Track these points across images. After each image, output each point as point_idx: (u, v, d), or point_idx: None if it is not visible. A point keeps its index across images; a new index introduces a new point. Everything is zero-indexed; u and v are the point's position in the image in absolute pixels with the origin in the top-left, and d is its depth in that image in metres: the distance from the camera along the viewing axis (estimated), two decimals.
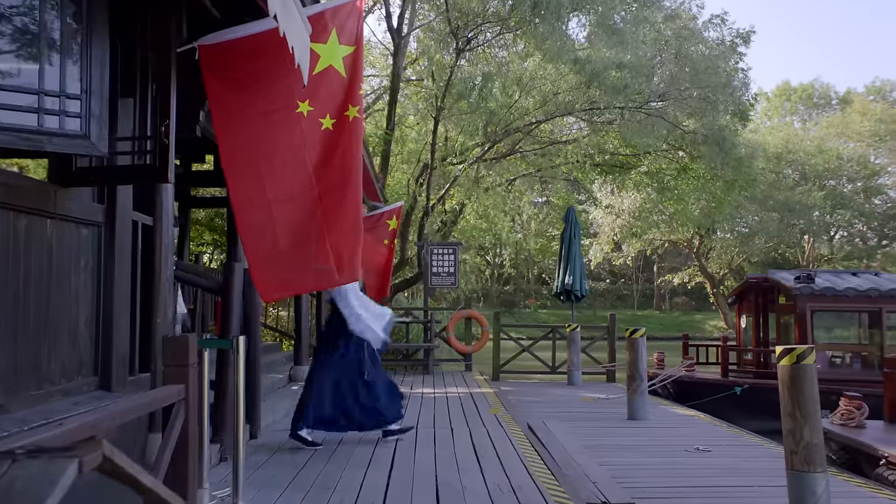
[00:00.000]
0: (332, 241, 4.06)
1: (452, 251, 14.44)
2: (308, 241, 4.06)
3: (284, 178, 4.16)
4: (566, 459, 6.07)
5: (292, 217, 4.09)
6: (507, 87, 14.59)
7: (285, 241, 4.07)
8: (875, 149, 40.22)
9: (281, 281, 4.13)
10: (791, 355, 5.01)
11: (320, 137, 4.17)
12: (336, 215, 4.08)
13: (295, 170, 4.14)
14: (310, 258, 4.06)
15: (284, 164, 4.17)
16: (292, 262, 4.08)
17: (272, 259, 4.07)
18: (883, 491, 5.56)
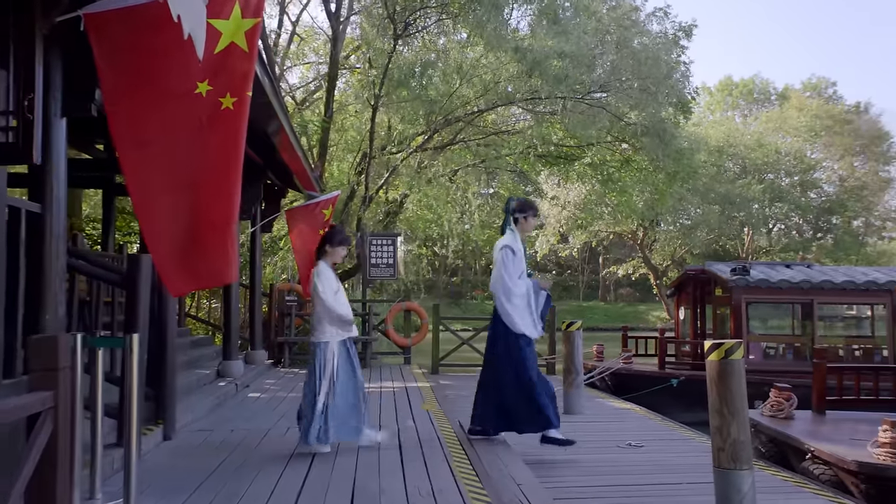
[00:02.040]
0: (231, 229, 3.74)
1: (391, 242, 14.14)
2: (211, 230, 3.74)
3: (184, 164, 3.82)
4: (493, 459, 5.87)
5: (195, 204, 3.76)
6: (448, 75, 14.34)
7: (188, 230, 3.73)
8: (811, 144, 41.25)
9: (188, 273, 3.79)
10: (719, 350, 4.89)
11: (220, 118, 3.84)
12: (233, 205, 3.76)
13: (194, 154, 3.80)
14: (214, 248, 3.73)
15: (183, 148, 3.83)
16: (197, 252, 3.74)
17: (177, 250, 3.74)
18: (808, 485, 5.51)
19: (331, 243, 6.19)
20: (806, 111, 41.55)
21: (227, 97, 3.87)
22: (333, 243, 6.19)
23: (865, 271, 12.84)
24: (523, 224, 6.67)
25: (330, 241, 6.21)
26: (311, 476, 5.21)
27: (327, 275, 6.04)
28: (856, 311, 14.75)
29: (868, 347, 12.44)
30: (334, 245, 6.18)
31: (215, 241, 3.73)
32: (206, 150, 3.77)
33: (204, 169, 3.74)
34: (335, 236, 6.23)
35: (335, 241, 6.20)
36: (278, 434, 6.78)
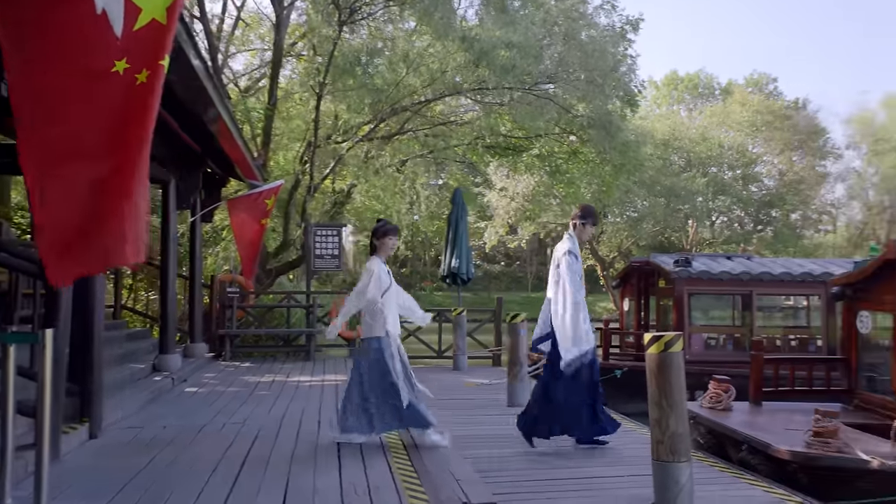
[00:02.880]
0: (130, 210, 3.51)
1: (337, 232, 13.93)
2: (115, 208, 3.50)
3: (93, 143, 3.58)
4: (434, 454, 5.78)
5: (99, 182, 3.52)
6: (395, 63, 14.14)
7: (88, 212, 3.49)
8: (752, 138, 42.18)
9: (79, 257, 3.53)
10: (659, 343, 4.88)
11: (135, 94, 3.62)
12: (135, 180, 3.53)
13: (106, 134, 3.57)
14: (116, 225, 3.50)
15: (95, 129, 3.59)
16: (95, 231, 3.50)
17: (70, 232, 3.49)
18: (744, 476, 5.56)
19: (376, 236, 6.15)
20: (748, 106, 42.43)
21: (143, 72, 3.65)
22: (378, 236, 6.15)
23: (802, 263, 13.13)
24: (580, 230, 6.62)
25: (375, 234, 6.17)
26: (243, 474, 5.04)
27: (375, 273, 5.95)
28: (793, 302, 15.11)
29: (804, 338, 12.73)
30: (380, 237, 6.14)
31: (118, 218, 3.50)
32: (118, 128, 3.54)
33: (114, 147, 3.52)
34: (379, 229, 6.16)
35: (379, 234, 6.15)
36: (214, 430, 6.58)
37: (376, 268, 5.98)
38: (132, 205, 3.51)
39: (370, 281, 5.93)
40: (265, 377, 10.25)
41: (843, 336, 8.11)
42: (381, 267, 6.02)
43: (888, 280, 7.10)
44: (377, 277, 5.95)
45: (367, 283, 5.93)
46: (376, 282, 5.93)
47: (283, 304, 13.95)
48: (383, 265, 6.08)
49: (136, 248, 3.48)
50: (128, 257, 3.57)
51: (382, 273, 6.01)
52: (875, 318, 7.59)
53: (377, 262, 6.05)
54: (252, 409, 7.69)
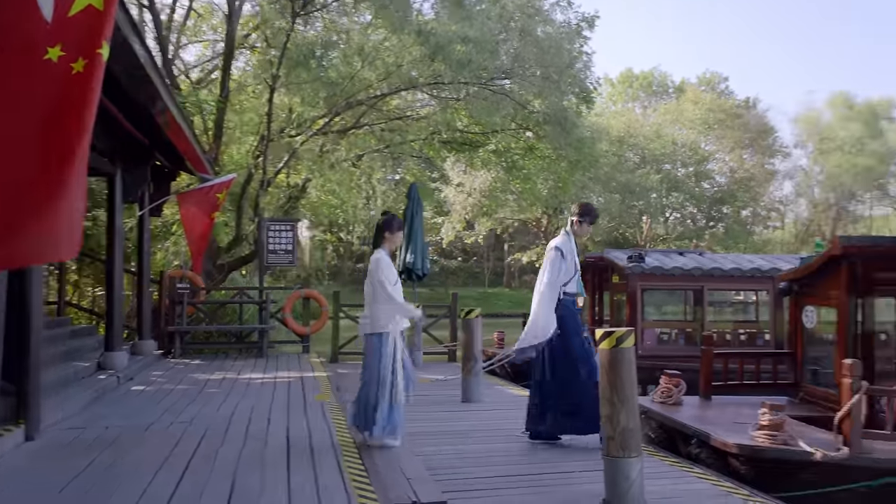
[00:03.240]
0: (66, 205, 3.37)
1: (290, 227, 13.72)
2: (48, 206, 3.35)
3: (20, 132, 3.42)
4: (385, 453, 5.71)
5: (27, 178, 3.36)
6: (349, 56, 13.97)
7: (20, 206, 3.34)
8: (705, 136, 42.97)
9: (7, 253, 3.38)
10: (611, 339, 4.89)
11: (71, 84, 3.46)
12: (73, 174, 3.39)
13: (39, 126, 3.41)
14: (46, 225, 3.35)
15: (26, 120, 3.43)
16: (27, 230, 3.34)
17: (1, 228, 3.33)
18: (693, 469, 5.62)
19: (390, 230, 6.05)
20: (700, 104, 43.21)
21: (80, 61, 3.50)
22: (392, 230, 6.06)
23: (751, 259, 13.37)
24: (577, 227, 6.61)
25: (389, 227, 6.05)
26: (188, 474, 4.91)
27: (387, 262, 5.88)
28: (743, 297, 15.40)
29: (752, 332, 12.97)
30: (393, 231, 6.07)
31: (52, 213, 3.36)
32: (54, 119, 3.39)
33: (50, 139, 3.36)
34: (393, 223, 6.07)
35: (394, 228, 6.07)
36: (160, 429, 6.42)
37: (388, 261, 5.92)
38: (68, 199, 3.37)
39: (390, 272, 5.86)
40: (215, 374, 10.06)
41: (790, 330, 8.27)
42: (389, 260, 5.96)
43: (832, 275, 7.24)
44: (392, 269, 5.90)
45: (389, 275, 5.83)
46: (392, 274, 5.88)
47: (236, 301, 13.72)
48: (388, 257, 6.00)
49: (71, 244, 3.35)
50: (62, 253, 3.43)
51: (393, 267, 5.96)
52: (820, 312, 7.75)
53: (385, 253, 5.98)
54: (200, 407, 7.52)
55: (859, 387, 5.27)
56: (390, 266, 5.91)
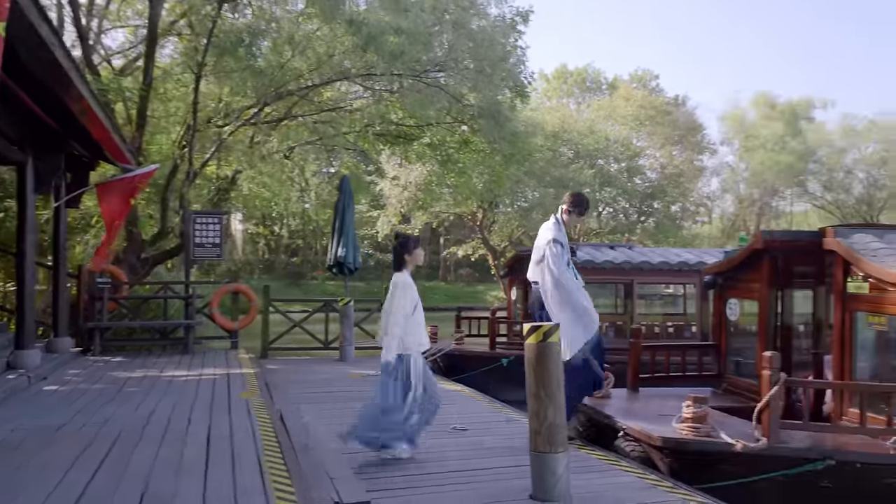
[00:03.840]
0: None
1: (218, 220, 13.32)
2: None
3: None
4: (310, 452, 5.56)
5: None
6: (279, 45, 13.62)
7: None
8: (636, 132, 43.82)
9: None
10: (537, 333, 4.86)
11: None
12: None
13: None
14: None
15: None
16: None
17: None
18: (620, 463, 5.66)
19: (408, 251, 5.88)
20: (632, 101, 44.02)
21: None
22: (410, 250, 5.89)
23: (679, 253, 13.65)
24: (566, 217, 6.61)
25: (406, 249, 5.88)
26: (98, 478, 4.66)
27: (404, 286, 5.74)
28: (672, 290, 15.73)
29: (680, 325, 13.26)
30: (411, 251, 5.89)
31: None
32: None
33: None
34: (409, 243, 5.92)
35: (411, 248, 5.90)
36: (72, 430, 6.10)
37: (410, 282, 5.80)
38: None
39: (405, 298, 5.72)
40: (136, 372, 9.66)
41: (714, 323, 8.45)
42: (411, 281, 5.84)
43: (755, 269, 7.42)
44: (412, 292, 5.78)
45: (406, 303, 5.71)
46: (412, 298, 5.77)
47: (160, 296, 13.25)
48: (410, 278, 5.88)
49: None
50: None
51: (414, 288, 5.84)
52: (742, 305, 7.93)
53: (407, 276, 5.85)
54: (117, 407, 7.19)
55: (778, 378, 5.38)
56: (406, 290, 5.76)
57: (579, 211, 6.68)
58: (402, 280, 5.77)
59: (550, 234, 6.49)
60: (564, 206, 6.67)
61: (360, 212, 36.42)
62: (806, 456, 5.37)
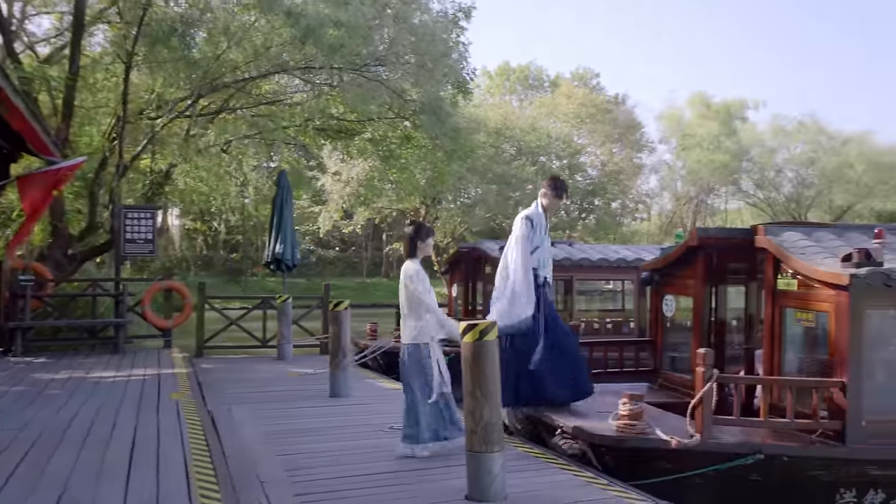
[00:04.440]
0: None
1: (150, 215, 12.90)
2: None
3: None
4: (241, 454, 5.39)
5: None
6: (214, 36, 13.24)
7: None
8: (577, 130, 44.35)
9: None
10: (474, 331, 4.80)
11: None
12: None
13: None
14: None
15: None
16: None
17: None
18: (556, 460, 5.65)
19: (422, 238, 5.82)
20: (573, 99, 44.54)
21: None
22: (423, 238, 5.83)
23: (617, 249, 13.81)
24: (544, 201, 6.70)
25: (420, 236, 5.82)
26: (11, 485, 4.43)
27: (423, 274, 5.73)
28: (612, 286, 15.92)
29: (618, 320, 13.43)
30: (425, 239, 5.86)
31: None
32: None
33: None
34: (422, 230, 5.92)
35: (424, 235, 5.85)
36: None
37: (422, 269, 5.77)
38: None
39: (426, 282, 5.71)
40: (61, 374, 9.25)
41: (651, 319, 8.55)
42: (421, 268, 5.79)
43: (690, 265, 7.52)
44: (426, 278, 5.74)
45: (427, 285, 5.69)
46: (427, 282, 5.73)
47: (89, 293, 12.74)
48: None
49: None
50: None
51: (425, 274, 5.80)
52: (678, 301, 8.04)
53: (419, 264, 5.82)
54: (37, 410, 6.86)
55: (711, 375, 5.44)
56: (426, 278, 5.77)
57: (557, 193, 6.78)
58: (417, 268, 5.77)
59: (525, 212, 6.70)
60: (542, 190, 6.75)
61: (301, 207, 35.94)
62: (737, 451, 5.45)
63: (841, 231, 6.77)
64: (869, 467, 5.73)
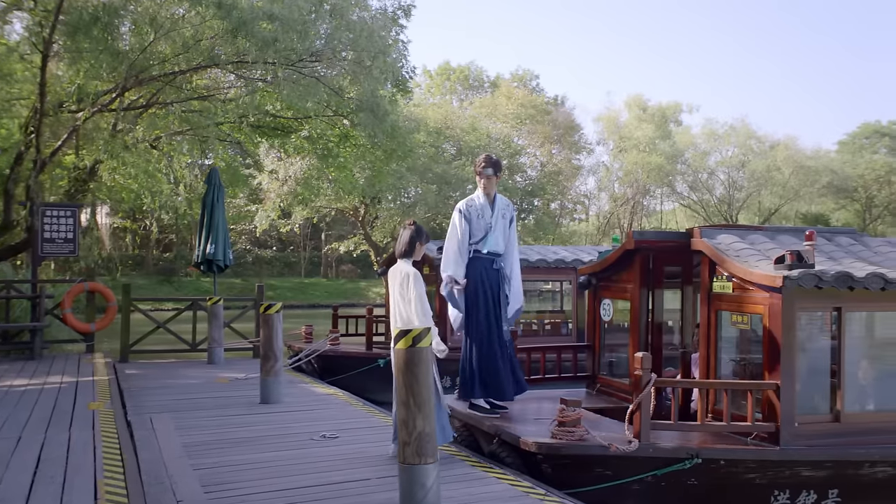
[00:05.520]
0: None
1: (71, 213, 12.27)
2: None
3: None
4: (157, 469, 5.05)
5: None
6: (140, 26, 12.66)
7: None
8: (517, 131, 44.59)
9: None
10: (407, 338, 4.58)
11: None
12: None
13: None
14: None
15: None
16: None
17: None
18: (493, 470, 5.48)
19: (422, 240, 5.73)
20: (513, 100, 44.76)
21: None
22: (424, 239, 5.75)
23: (556, 250, 13.77)
24: (479, 181, 6.58)
25: (421, 237, 5.72)
26: None
27: (421, 279, 5.51)
28: (550, 287, 15.91)
29: (556, 322, 13.40)
30: (424, 242, 5.75)
31: None
32: None
33: None
34: (423, 233, 5.76)
35: (424, 238, 5.75)
36: None
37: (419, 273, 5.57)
38: None
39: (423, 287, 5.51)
40: None
41: (588, 322, 8.47)
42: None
43: (628, 269, 7.46)
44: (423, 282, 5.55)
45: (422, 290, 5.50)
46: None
47: (2, 296, 12.04)
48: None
49: None
50: None
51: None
52: (616, 305, 7.99)
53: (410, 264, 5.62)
54: None
55: (649, 380, 5.36)
56: (420, 280, 5.54)
57: (492, 171, 6.60)
58: (414, 271, 5.55)
59: (459, 204, 6.57)
60: (476, 168, 6.64)
61: (237, 206, 35.11)
62: (675, 455, 5.38)
63: (773, 234, 6.80)
64: (801, 468, 5.75)
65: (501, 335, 6.48)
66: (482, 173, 6.60)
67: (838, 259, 6.35)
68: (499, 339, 6.43)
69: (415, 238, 5.71)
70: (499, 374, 6.36)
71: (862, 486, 5.88)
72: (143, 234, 41.83)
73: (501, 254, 6.61)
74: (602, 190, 52.61)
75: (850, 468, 5.81)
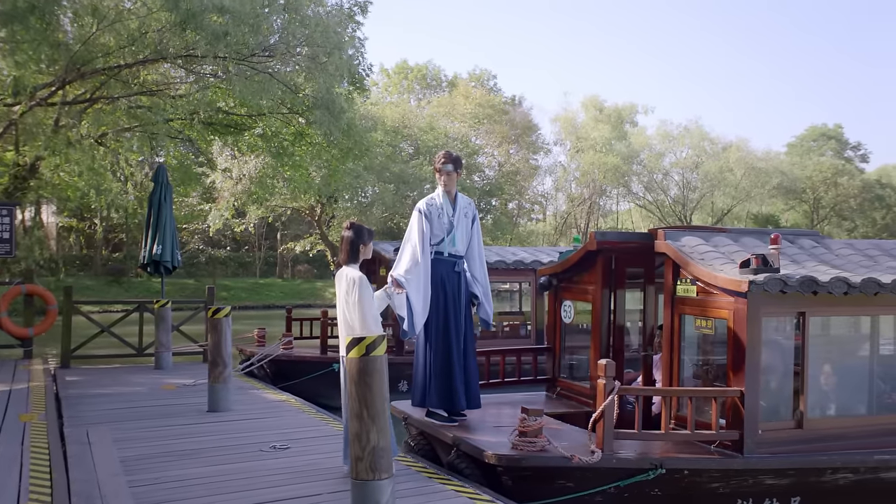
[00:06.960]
0: None
1: (8, 212, 11.68)
2: None
3: None
4: (89, 489, 4.69)
5: None
6: (81, 17, 12.08)
7: None
8: (475, 130, 44.49)
9: None
10: (360, 346, 4.32)
11: None
12: None
13: None
14: None
15: None
16: None
17: None
18: (452, 482, 5.25)
19: (363, 242, 5.41)
20: (471, 100, 44.65)
21: None
22: (365, 240, 5.43)
23: (515, 251, 13.62)
24: (443, 179, 6.27)
25: (362, 239, 5.40)
26: None
27: (367, 282, 5.23)
28: (509, 287, 15.76)
29: (515, 323, 13.24)
30: (367, 242, 5.45)
31: None
32: None
33: None
34: (364, 232, 5.45)
35: (366, 238, 5.44)
36: None
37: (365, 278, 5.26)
38: None
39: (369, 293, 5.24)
40: None
41: (548, 325, 8.29)
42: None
43: (589, 270, 7.29)
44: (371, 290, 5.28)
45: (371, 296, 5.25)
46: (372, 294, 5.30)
47: None
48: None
49: None
50: None
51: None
52: (577, 307, 7.82)
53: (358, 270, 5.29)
54: None
55: (612, 388, 5.18)
56: (369, 287, 5.25)
57: (452, 167, 6.32)
58: (360, 276, 5.22)
59: (419, 203, 6.28)
60: (436, 165, 6.34)
61: (190, 205, 34.31)
62: (639, 466, 5.21)
63: (737, 236, 6.69)
64: (765, 477, 5.64)
65: (460, 342, 6.17)
66: (442, 170, 6.31)
67: (801, 262, 6.26)
68: (456, 347, 6.13)
69: (355, 241, 5.39)
70: (453, 383, 6.06)
71: (824, 493, 5.80)
72: (89, 234, 40.65)
73: (463, 255, 6.36)
74: (559, 190, 52.87)
75: (812, 475, 5.73)
